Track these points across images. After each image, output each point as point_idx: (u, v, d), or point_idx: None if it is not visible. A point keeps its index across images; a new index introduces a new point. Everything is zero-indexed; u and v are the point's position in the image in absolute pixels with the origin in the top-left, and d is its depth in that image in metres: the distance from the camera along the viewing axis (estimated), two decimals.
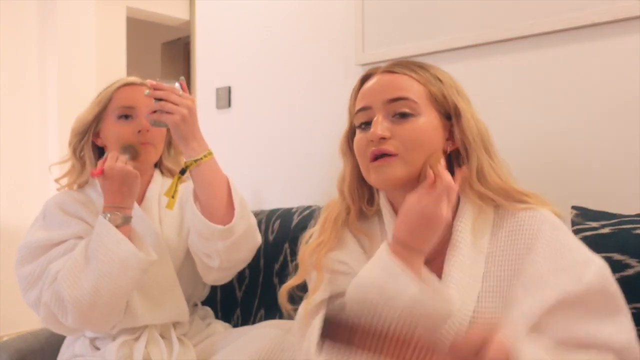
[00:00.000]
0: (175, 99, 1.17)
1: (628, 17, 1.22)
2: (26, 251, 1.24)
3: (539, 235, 0.85)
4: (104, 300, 1.14)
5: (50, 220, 1.27)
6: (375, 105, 0.91)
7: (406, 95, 0.90)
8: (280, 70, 1.95)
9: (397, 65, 0.94)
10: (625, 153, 1.23)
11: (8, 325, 3.02)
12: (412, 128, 0.89)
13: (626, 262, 0.98)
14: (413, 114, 0.89)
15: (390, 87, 0.91)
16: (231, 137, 2.10)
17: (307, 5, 1.86)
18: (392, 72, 0.93)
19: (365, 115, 0.93)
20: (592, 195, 1.25)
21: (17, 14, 3.30)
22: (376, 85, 0.93)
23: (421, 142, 0.89)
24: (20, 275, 1.23)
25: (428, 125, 0.90)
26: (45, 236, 1.23)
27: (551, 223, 0.87)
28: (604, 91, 1.27)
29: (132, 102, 1.32)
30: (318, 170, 1.84)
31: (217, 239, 1.21)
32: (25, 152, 3.32)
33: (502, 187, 0.90)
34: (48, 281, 1.18)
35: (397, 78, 0.92)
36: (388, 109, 0.90)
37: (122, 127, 1.30)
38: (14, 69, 3.28)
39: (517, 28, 1.37)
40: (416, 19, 1.57)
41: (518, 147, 1.34)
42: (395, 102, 0.90)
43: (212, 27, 2.20)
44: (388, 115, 0.90)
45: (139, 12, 4.04)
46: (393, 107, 0.90)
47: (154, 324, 1.28)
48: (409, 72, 0.92)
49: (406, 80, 0.91)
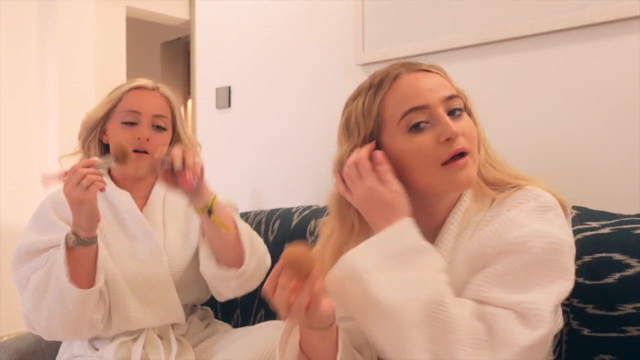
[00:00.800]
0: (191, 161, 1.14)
1: (628, 17, 1.22)
2: (18, 253, 1.25)
3: (500, 216, 0.84)
4: (59, 326, 1.16)
5: (40, 221, 1.28)
6: (432, 103, 0.85)
7: (455, 93, 0.88)
8: (280, 70, 1.95)
9: (420, 65, 0.91)
10: (625, 153, 1.23)
11: (8, 325, 3.01)
12: (469, 124, 0.88)
13: (626, 262, 0.98)
14: (464, 110, 0.89)
15: (440, 85, 0.87)
16: (231, 137, 2.10)
17: (307, 5, 1.86)
18: (428, 72, 0.90)
19: (423, 114, 0.85)
20: (592, 195, 1.25)
21: (17, 14, 3.30)
22: (423, 84, 0.87)
23: (476, 138, 0.88)
24: (14, 277, 1.25)
25: (474, 122, 0.90)
26: (32, 240, 1.23)
27: (527, 194, 0.84)
28: (604, 91, 1.27)
29: (139, 107, 1.31)
30: (318, 170, 1.84)
31: (230, 279, 1.24)
32: (25, 151, 3.32)
33: (498, 180, 0.89)
34: (27, 296, 1.20)
35: (438, 77, 0.89)
36: (445, 106, 0.86)
37: (124, 132, 1.30)
38: (14, 69, 3.28)
39: (517, 28, 1.37)
40: (416, 19, 1.57)
41: (518, 147, 1.34)
42: (450, 99, 0.87)
43: (212, 27, 2.20)
44: (446, 113, 0.86)
45: (138, 12, 4.04)
46: (449, 105, 0.86)
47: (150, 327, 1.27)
48: (440, 72, 0.91)
49: (444, 79, 0.90)
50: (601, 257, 1.00)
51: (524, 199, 0.84)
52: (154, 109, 1.32)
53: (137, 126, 1.30)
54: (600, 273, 0.99)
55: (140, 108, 1.31)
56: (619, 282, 0.98)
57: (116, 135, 1.30)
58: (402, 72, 0.89)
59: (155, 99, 1.34)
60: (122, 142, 1.23)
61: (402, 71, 0.89)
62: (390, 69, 0.91)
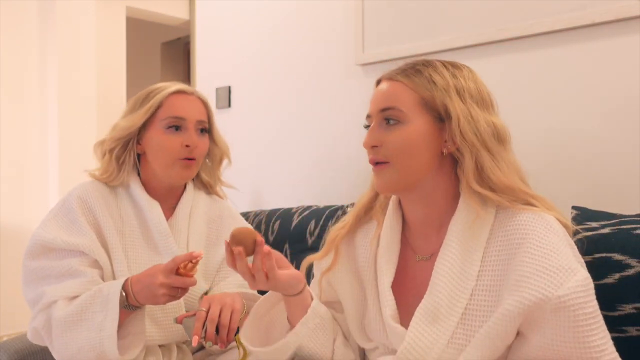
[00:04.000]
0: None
1: (628, 17, 1.22)
2: (34, 243, 1.22)
3: (531, 235, 0.85)
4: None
5: (65, 216, 1.25)
6: (373, 114, 0.96)
7: (393, 104, 0.93)
8: (280, 70, 1.95)
9: (397, 71, 0.97)
10: (625, 153, 1.23)
11: (8, 325, 3.01)
12: (400, 135, 0.92)
13: (626, 262, 0.98)
14: (400, 121, 0.92)
15: (383, 97, 0.95)
16: (231, 137, 2.08)
17: (307, 5, 1.86)
18: (390, 80, 0.96)
19: (368, 122, 0.98)
20: (592, 195, 1.25)
21: (17, 14, 3.30)
22: (376, 93, 0.98)
23: (409, 148, 0.92)
24: (24, 266, 1.22)
25: (417, 132, 0.92)
26: (53, 236, 1.21)
27: (547, 226, 0.86)
28: (604, 91, 1.27)
29: (184, 112, 1.26)
30: (318, 170, 1.84)
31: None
32: (25, 151, 3.32)
33: (507, 186, 0.90)
34: (41, 305, 1.17)
35: (391, 86, 0.95)
36: (380, 117, 0.95)
37: (170, 138, 1.25)
38: (14, 69, 3.28)
39: (517, 28, 1.37)
40: (416, 19, 1.57)
41: (518, 147, 1.33)
42: (384, 111, 0.94)
43: (212, 27, 2.20)
44: (382, 123, 0.95)
45: (138, 12, 4.04)
46: (383, 116, 0.94)
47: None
48: (402, 79, 0.95)
49: (398, 87, 0.94)
50: (601, 257, 1.00)
51: (550, 230, 0.86)
52: (196, 114, 1.28)
53: (182, 132, 1.25)
54: (600, 273, 0.99)
55: (185, 113, 1.26)
56: (619, 282, 0.98)
57: (160, 144, 1.25)
58: (381, 80, 0.99)
59: (196, 103, 1.30)
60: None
61: (381, 78, 0.99)
62: (383, 74, 0.99)
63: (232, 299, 1.13)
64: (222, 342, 1.08)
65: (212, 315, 1.07)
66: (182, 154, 1.25)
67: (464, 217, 0.91)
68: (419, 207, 0.96)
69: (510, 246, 0.86)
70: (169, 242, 1.27)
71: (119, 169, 1.29)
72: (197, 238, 1.33)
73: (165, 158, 1.26)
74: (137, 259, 1.27)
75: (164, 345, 1.27)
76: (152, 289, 1.09)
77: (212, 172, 1.41)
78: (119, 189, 1.31)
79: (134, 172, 1.31)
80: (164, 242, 1.27)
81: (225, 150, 1.40)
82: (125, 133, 1.26)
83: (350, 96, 1.74)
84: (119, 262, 1.23)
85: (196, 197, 1.38)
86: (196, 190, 1.39)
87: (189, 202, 1.35)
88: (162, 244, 1.27)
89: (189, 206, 1.34)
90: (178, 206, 1.33)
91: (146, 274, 1.12)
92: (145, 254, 1.28)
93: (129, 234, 1.27)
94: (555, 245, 0.83)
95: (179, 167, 1.26)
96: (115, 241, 1.25)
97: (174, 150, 1.25)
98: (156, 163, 1.27)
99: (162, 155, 1.26)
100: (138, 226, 1.29)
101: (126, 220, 1.28)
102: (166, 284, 1.09)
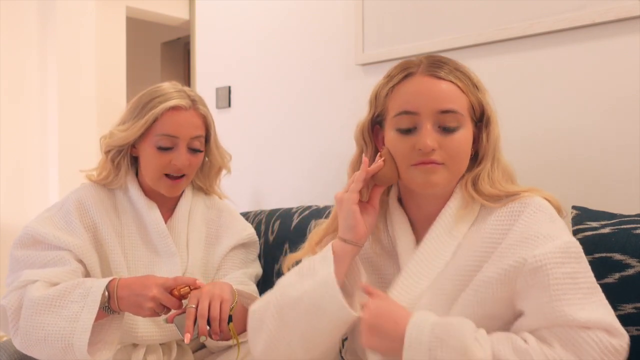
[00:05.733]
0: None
1: (628, 17, 1.22)
2: (24, 234, 1.22)
3: (519, 220, 0.87)
4: (38, 351, 1.11)
5: (62, 217, 1.25)
6: (423, 113, 0.90)
7: (455, 108, 0.90)
8: (280, 70, 1.95)
9: (441, 69, 0.92)
10: (625, 153, 1.23)
11: None
12: (458, 140, 0.91)
13: (626, 262, 0.98)
14: (459, 126, 0.91)
15: (440, 97, 0.90)
16: (231, 137, 2.09)
17: (307, 5, 1.86)
18: (438, 78, 0.92)
19: (411, 121, 0.91)
20: (592, 195, 1.25)
21: (17, 14, 3.30)
22: (425, 90, 0.91)
23: (464, 152, 0.92)
24: (11, 255, 1.22)
25: (468, 136, 0.93)
26: (45, 230, 1.21)
27: (536, 206, 0.88)
28: (604, 91, 1.27)
29: (176, 131, 1.24)
30: (318, 169, 1.84)
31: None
32: (25, 151, 3.32)
33: (492, 194, 0.92)
34: (17, 283, 1.15)
35: (446, 87, 0.91)
36: (437, 119, 0.90)
37: (159, 156, 1.25)
38: (14, 69, 3.28)
39: (517, 28, 1.37)
40: (416, 19, 1.57)
41: (518, 147, 1.34)
42: (445, 114, 0.90)
43: (212, 26, 2.20)
44: (435, 125, 0.90)
45: (138, 12, 4.04)
46: (442, 119, 0.90)
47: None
48: (454, 80, 0.92)
49: (453, 89, 0.91)
50: (601, 257, 1.00)
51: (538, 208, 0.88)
52: (191, 130, 1.26)
53: (172, 151, 1.25)
54: (600, 273, 0.99)
55: (178, 132, 1.24)
56: (619, 282, 0.98)
57: (150, 160, 1.26)
58: (415, 72, 0.93)
59: (192, 119, 1.27)
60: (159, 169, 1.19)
61: (416, 71, 0.93)
62: (411, 63, 0.95)
63: (220, 289, 1.10)
64: (216, 334, 1.07)
65: (201, 311, 1.06)
66: (169, 171, 1.26)
67: (455, 205, 0.94)
68: (431, 202, 0.96)
69: (491, 241, 0.89)
70: (167, 243, 1.28)
71: (115, 170, 1.30)
72: (196, 238, 1.34)
73: (153, 173, 1.27)
74: (137, 260, 1.27)
75: (164, 343, 1.27)
76: (141, 299, 1.07)
77: (208, 181, 1.41)
78: (118, 192, 1.32)
79: (132, 174, 1.32)
80: (162, 243, 1.28)
81: (223, 162, 1.39)
82: (121, 142, 1.26)
83: (350, 96, 1.74)
84: (117, 264, 1.24)
85: (195, 198, 1.38)
86: (195, 191, 1.40)
87: (188, 203, 1.35)
88: (160, 245, 1.28)
89: (187, 207, 1.35)
90: (177, 207, 1.34)
91: (139, 282, 1.10)
92: (145, 255, 1.28)
93: (127, 235, 1.28)
94: (541, 220, 0.86)
95: (164, 184, 1.27)
96: (113, 243, 1.25)
97: (162, 167, 1.25)
98: (145, 174, 1.29)
99: (150, 169, 1.27)
100: (137, 228, 1.29)
101: (125, 222, 1.29)
102: (158, 299, 1.08)
